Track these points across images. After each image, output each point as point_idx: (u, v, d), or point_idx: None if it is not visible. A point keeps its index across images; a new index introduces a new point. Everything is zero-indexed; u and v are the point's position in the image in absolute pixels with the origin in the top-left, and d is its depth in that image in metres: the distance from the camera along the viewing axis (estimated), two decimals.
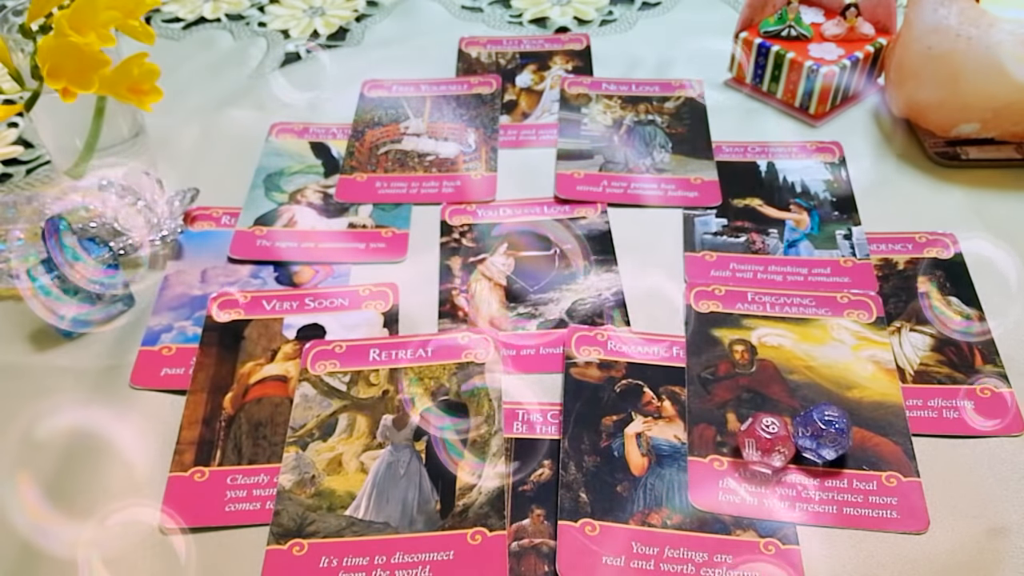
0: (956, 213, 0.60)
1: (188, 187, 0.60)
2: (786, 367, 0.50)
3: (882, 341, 0.51)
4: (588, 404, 0.48)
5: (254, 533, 0.43)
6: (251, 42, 0.81)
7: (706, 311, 0.53)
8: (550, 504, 0.44)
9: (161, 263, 0.58)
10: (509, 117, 0.70)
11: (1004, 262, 0.56)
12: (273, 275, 0.57)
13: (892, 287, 0.54)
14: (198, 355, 0.51)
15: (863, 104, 0.70)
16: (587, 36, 0.79)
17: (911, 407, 0.48)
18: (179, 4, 0.87)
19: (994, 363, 0.50)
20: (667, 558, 0.41)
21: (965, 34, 0.58)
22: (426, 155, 0.66)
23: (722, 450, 0.46)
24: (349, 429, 0.47)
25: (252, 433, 0.47)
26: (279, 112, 0.71)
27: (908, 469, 0.45)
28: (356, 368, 0.50)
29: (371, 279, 0.57)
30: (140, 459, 0.46)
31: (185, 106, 0.72)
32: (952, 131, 0.63)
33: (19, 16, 0.55)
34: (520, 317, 0.54)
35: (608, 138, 0.67)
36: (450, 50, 0.78)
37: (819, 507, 0.43)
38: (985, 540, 0.42)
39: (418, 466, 0.45)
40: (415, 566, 0.41)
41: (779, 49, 0.68)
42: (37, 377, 0.51)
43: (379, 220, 0.61)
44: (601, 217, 0.60)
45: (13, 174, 0.67)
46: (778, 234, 0.58)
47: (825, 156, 0.65)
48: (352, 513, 0.44)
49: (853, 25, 0.68)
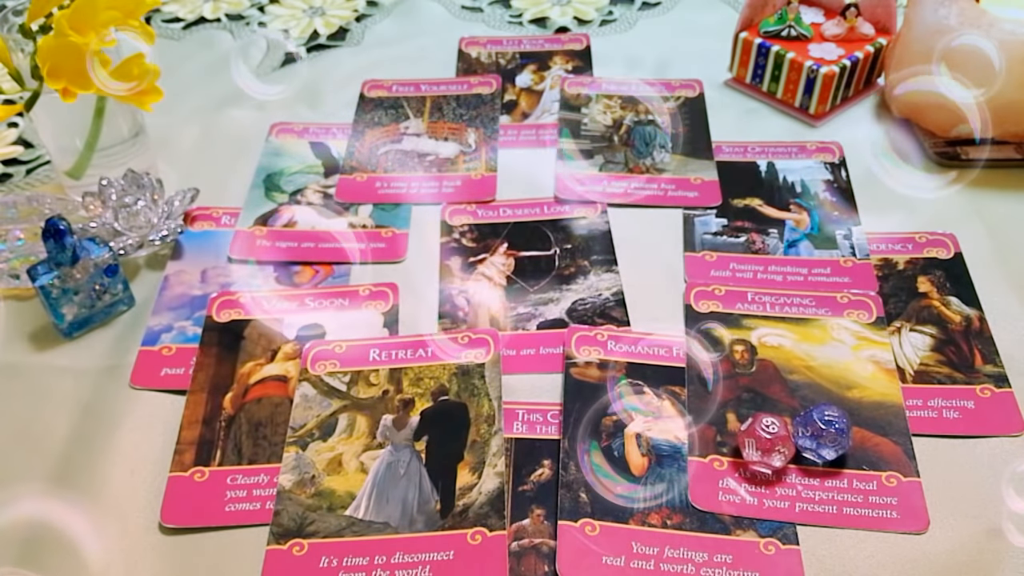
0: (956, 213, 0.60)
1: (188, 187, 0.60)
2: (786, 367, 0.50)
3: (882, 341, 0.51)
4: (588, 404, 0.48)
5: (254, 533, 0.43)
6: (251, 42, 0.81)
7: (706, 311, 0.53)
8: (550, 504, 0.44)
9: (161, 263, 0.58)
10: (509, 117, 0.70)
11: (1004, 262, 0.56)
12: (273, 275, 0.57)
13: (892, 287, 0.54)
14: (198, 355, 0.51)
15: (863, 104, 0.70)
16: (587, 36, 0.79)
17: (911, 407, 0.48)
18: (179, 4, 0.87)
19: (994, 363, 0.50)
20: (667, 558, 0.41)
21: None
22: (426, 155, 0.66)
23: (722, 450, 0.46)
24: (349, 429, 0.47)
25: (252, 433, 0.47)
26: (279, 112, 0.71)
27: (908, 469, 0.45)
28: (356, 368, 0.50)
29: (371, 279, 0.57)
30: (140, 459, 0.46)
31: (185, 106, 0.72)
32: (952, 131, 0.63)
33: (19, 16, 0.55)
34: (520, 317, 0.54)
35: (608, 138, 0.67)
36: (450, 50, 0.78)
37: (819, 507, 0.43)
38: (985, 540, 0.42)
39: (418, 466, 0.45)
40: (415, 566, 0.41)
41: (779, 49, 0.68)
42: (37, 377, 0.51)
43: (379, 220, 0.61)
44: (601, 217, 0.60)
45: (13, 174, 0.67)
46: (778, 234, 0.58)
47: (825, 156, 0.65)
48: (352, 513, 0.44)
49: (853, 25, 0.68)
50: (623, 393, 0.48)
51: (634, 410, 0.47)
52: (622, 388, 0.48)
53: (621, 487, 0.44)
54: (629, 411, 0.47)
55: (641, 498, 0.44)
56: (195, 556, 0.42)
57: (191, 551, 0.43)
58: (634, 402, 0.47)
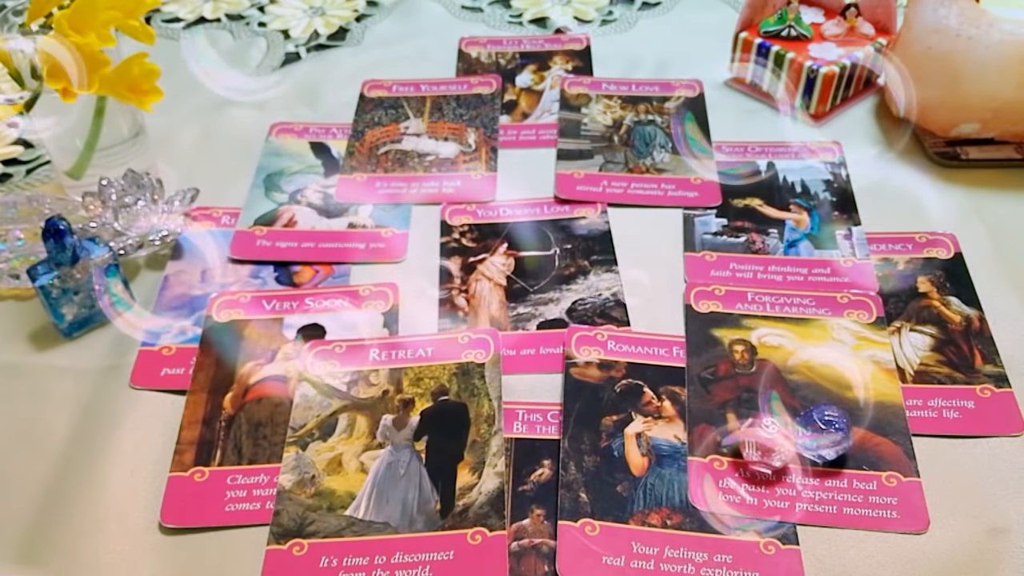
0: (956, 213, 0.60)
1: (188, 187, 0.60)
2: (786, 367, 0.50)
3: (882, 341, 0.51)
4: (588, 404, 0.48)
5: (254, 533, 0.43)
6: (251, 42, 0.81)
7: (706, 311, 0.53)
8: (550, 504, 0.44)
9: (161, 263, 0.58)
10: (509, 117, 0.70)
11: (1004, 262, 0.56)
12: (273, 275, 0.57)
13: (892, 287, 0.54)
14: (198, 355, 0.51)
15: (863, 104, 0.70)
16: (587, 36, 0.79)
17: (911, 407, 0.48)
18: (179, 4, 0.87)
19: (994, 363, 0.50)
20: (667, 558, 0.41)
21: (965, 34, 0.58)
22: (426, 155, 0.66)
23: (722, 450, 0.46)
24: (349, 429, 0.47)
25: (252, 433, 0.47)
26: (279, 112, 0.71)
27: (908, 469, 0.45)
28: (356, 368, 0.50)
29: (371, 279, 0.57)
30: (140, 459, 0.46)
31: (185, 106, 0.72)
32: (952, 131, 0.63)
33: (19, 16, 0.55)
34: (520, 317, 0.54)
35: (608, 138, 0.67)
36: (450, 50, 0.78)
37: (819, 507, 0.43)
38: (985, 540, 0.42)
39: (418, 466, 0.45)
40: (415, 566, 0.41)
41: (779, 49, 0.68)
42: (37, 377, 0.51)
43: (379, 220, 0.61)
44: (601, 217, 0.60)
45: (13, 174, 0.67)
46: (778, 234, 0.58)
47: (825, 156, 0.65)
48: (352, 513, 0.44)
49: (853, 25, 0.68)
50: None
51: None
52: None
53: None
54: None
55: (641, 498, 0.44)
56: (195, 556, 0.42)
57: (191, 551, 0.43)
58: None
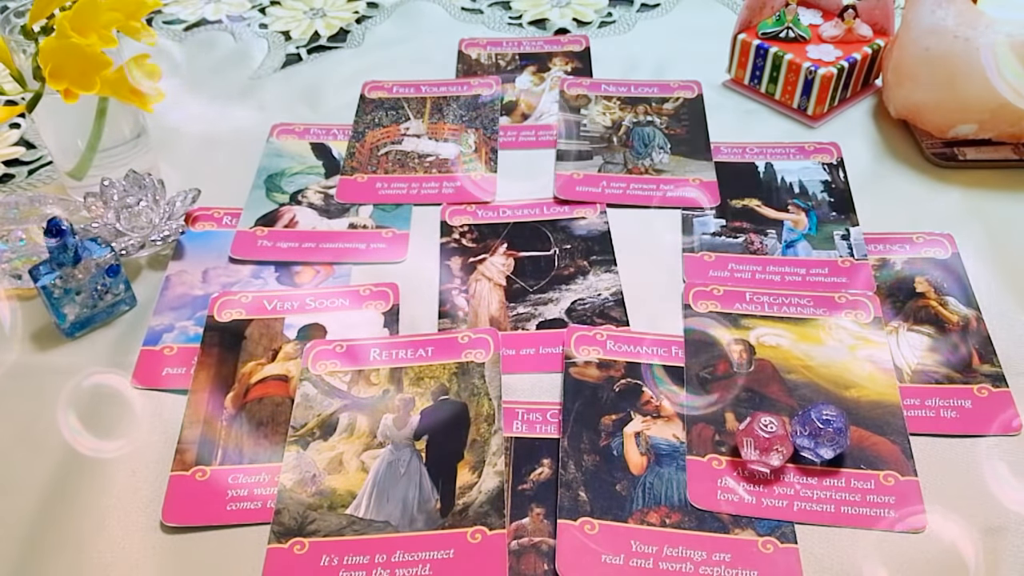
0: (953, 214, 0.60)
1: (189, 188, 0.60)
2: (784, 367, 0.50)
3: (880, 341, 0.51)
4: (587, 403, 0.48)
5: (255, 532, 0.43)
6: (252, 43, 0.81)
7: (705, 311, 0.53)
8: (550, 503, 0.44)
9: (162, 263, 0.58)
10: (509, 118, 0.71)
11: (1001, 262, 0.56)
12: (274, 275, 0.57)
13: (890, 287, 0.55)
14: (199, 355, 0.51)
15: (860, 105, 0.70)
16: (586, 38, 0.79)
17: (909, 407, 0.48)
18: (181, 5, 0.87)
19: (991, 363, 0.50)
20: (666, 556, 0.42)
21: (962, 35, 0.58)
22: (426, 156, 0.67)
23: (720, 449, 0.46)
24: (350, 428, 0.48)
25: (253, 432, 0.48)
26: (280, 113, 0.72)
27: (906, 468, 0.45)
28: (357, 368, 0.50)
29: (371, 279, 0.57)
30: (141, 458, 0.47)
31: (186, 107, 0.72)
32: (949, 132, 0.63)
33: (21, 17, 0.56)
34: (520, 317, 0.54)
35: (607, 139, 0.67)
36: (450, 51, 0.78)
37: (817, 506, 0.43)
38: (982, 539, 0.42)
39: (418, 465, 0.46)
40: (415, 564, 0.41)
41: (777, 50, 0.68)
42: (39, 377, 0.51)
43: (379, 220, 0.61)
44: (601, 217, 0.61)
45: (15, 175, 0.67)
46: (776, 234, 0.59)
47: (823, 157, 0.65)
48: (353, 512, 0.44)
49: (851, 26, 0.69)
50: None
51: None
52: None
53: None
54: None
55: (640, 497, 0.44)
56: (197, 555, 0.43)
57: (193, 550, 0.43)
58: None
